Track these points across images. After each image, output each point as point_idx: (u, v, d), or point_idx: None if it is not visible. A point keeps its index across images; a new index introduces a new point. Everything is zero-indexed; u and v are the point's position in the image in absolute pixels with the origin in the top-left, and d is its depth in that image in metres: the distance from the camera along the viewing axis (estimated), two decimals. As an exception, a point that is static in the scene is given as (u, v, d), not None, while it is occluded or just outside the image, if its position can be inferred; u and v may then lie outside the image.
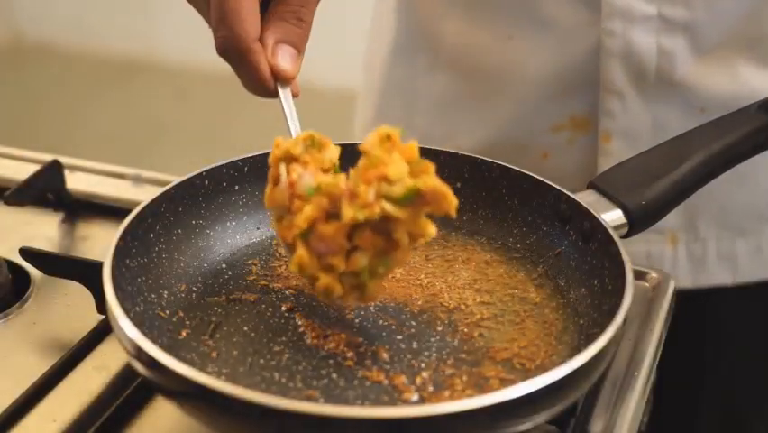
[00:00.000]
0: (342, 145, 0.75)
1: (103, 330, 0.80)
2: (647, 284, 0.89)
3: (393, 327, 0.74)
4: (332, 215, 0.67)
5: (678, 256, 1.06)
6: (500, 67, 1.04)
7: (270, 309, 0.76)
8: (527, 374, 0.69)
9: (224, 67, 0.75)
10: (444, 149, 0.88)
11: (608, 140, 1.01)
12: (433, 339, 0.73)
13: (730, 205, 1.05)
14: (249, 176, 0.85)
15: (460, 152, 0.87)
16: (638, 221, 0.80)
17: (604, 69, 0.99)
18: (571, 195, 0.81)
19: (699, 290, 1.07)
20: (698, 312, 1.10)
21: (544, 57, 1.02)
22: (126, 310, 0.67)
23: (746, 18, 0.98)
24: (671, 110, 1.00)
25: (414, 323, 0.74)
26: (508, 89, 1.05)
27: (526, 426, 0.64)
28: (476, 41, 1.04)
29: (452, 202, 0.66)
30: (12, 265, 0.89)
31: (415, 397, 0.67)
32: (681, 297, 0.95)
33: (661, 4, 0.97)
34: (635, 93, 1.00)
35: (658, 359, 0.82)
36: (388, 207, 0.65)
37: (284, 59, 0.75)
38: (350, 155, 0.70)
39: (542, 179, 0.83)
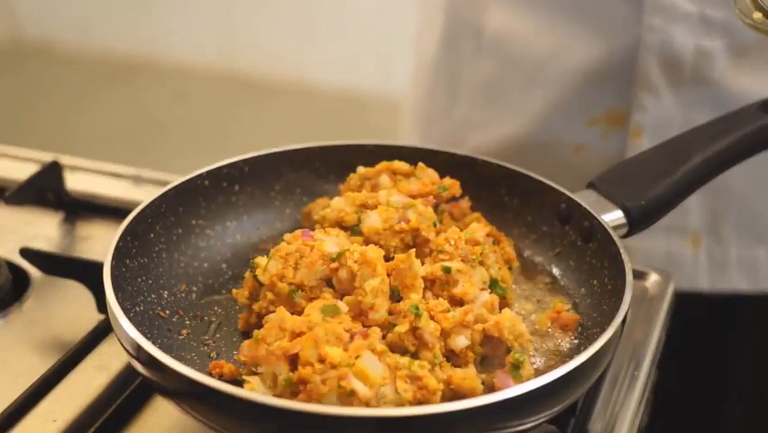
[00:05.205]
0: (352, 146, 0.74)
1: (103, 330, 0.80)
2: (647, 284, 0.89)
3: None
4: None
5: (699, 258, 1.06)
6: (540, 56, 1.05)
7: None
8: (527, 374, 0.69)
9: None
10: (445, 149, 0.88)
11: (638, 136, 1.02)
12: (433, 339, 0.73)
13: (754, 212, 1.05)
14: (249, 176, 0.85)
15: (460, 153, 0.87)
16: (638, 221, 0.80)
17: (641, 63, 1.00)
18: (571, 195, 0.81)
19: (721, 295, 1.07)
20: (720, 316, 1.10)
21: (584, 48, 1.03)
22: (126, 310, 0.68)
23: None
24: (703, 110, 1.00)
25: (414, 323, 0.74)
26: (547, 78, 1.06)
27: (526, 426, 0.64)
28: (518, 30, 1.06)
29: None
30: (12, 265, 0.89)
31: (415, 397, 0.67)
32: (705, 301, 0.94)
33: (703, 5, 0.98)
34: (669, 90, 1.00)
35: (658, 359, 0.82)
36: None
37: None
38: (357, 156, 0.70)
39: (542, 179, 0.83)
